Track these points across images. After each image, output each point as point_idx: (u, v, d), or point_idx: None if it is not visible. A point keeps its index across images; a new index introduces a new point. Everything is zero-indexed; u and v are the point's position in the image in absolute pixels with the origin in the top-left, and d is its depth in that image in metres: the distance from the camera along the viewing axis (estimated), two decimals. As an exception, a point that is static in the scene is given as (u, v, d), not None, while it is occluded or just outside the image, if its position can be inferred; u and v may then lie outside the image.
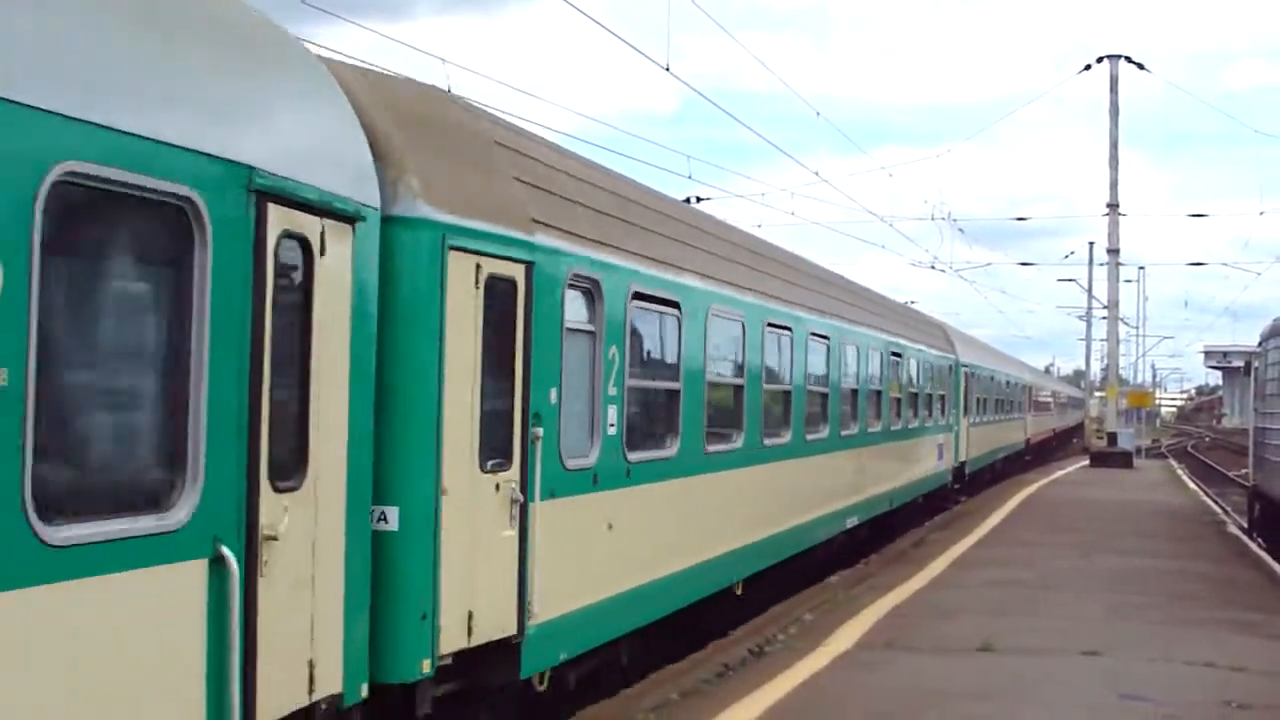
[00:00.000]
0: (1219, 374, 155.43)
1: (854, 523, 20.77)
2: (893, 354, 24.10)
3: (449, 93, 10.25)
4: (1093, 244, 70.00)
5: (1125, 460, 49.19)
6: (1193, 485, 43.44)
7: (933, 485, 29.38)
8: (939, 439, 30.04)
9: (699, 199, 28.85)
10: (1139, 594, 16.59)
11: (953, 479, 32.56)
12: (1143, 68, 48.50)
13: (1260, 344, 27.40)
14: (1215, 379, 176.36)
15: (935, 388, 29.44)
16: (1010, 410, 48.18)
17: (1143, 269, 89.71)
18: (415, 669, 8.10)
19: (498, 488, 8.96)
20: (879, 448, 22.87)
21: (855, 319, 21.35)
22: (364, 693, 7.52)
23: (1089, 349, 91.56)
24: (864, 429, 21.49)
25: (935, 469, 29.62)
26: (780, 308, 16.30)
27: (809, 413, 17.69)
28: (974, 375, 36.83)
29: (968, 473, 35.67)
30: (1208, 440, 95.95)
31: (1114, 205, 49.18)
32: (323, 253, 7.00)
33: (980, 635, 13.10)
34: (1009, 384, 47.65)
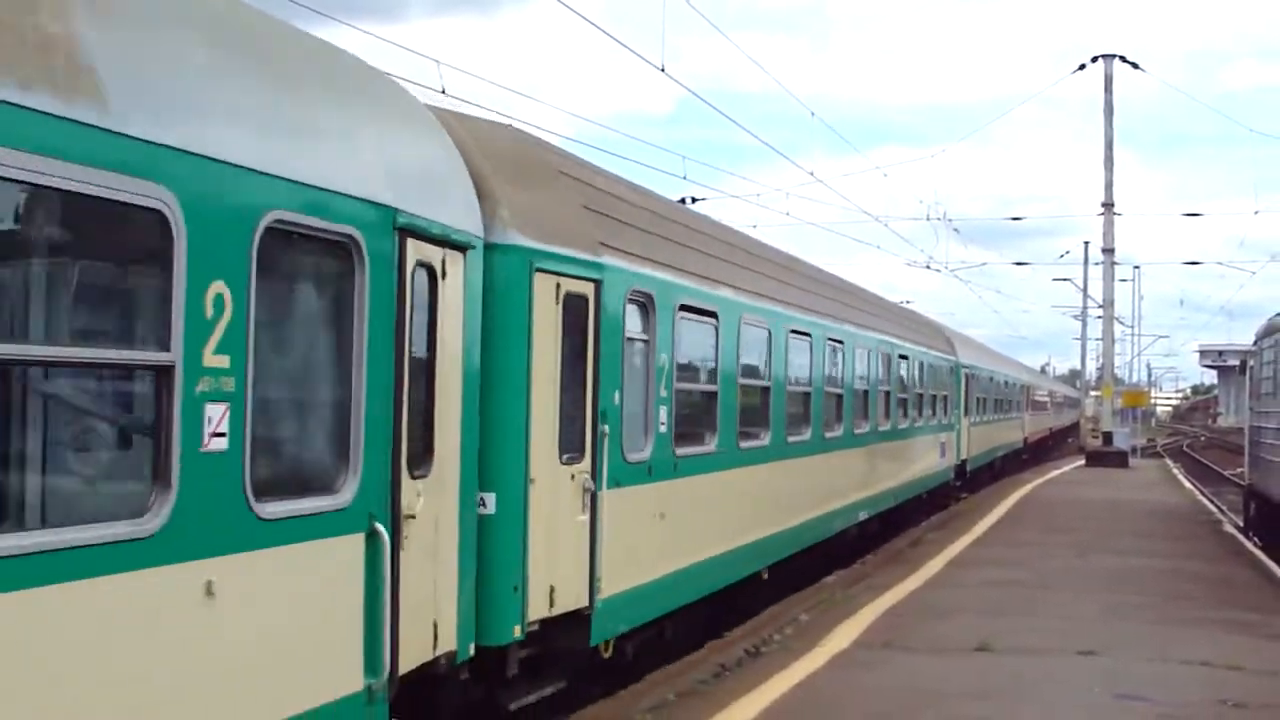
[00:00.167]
0: (1214, 373, 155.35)
1: (864, 516, 22.00)
2: (900, 357, 25.37)
3: (521, 130, 11.56)
4: (1088, 244, 70.76)
5: (1121, 460, 49.35)
6: (1188, 484, 43.25)
7: (936, 482, 30.67)
8: (942, 438, 31.29)
9: (694, 199, 28.81)
10: (1135, 594, 16.59)
11: (954, 476, 33.81)
12: (1137, 67, 48.95)
13: (1255, 343, 27.56)
14: (1211, 378, 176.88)
15: (938, 389, 30.63)
16: (1008, 410, 49.11)
17: (1138, 268, 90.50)
18: (509, 633, 9.42)
19: (573, 478, 10.28)
20: (888, 446, 24.17)
21: (866, 324, 22.66)
22: (471, 651, 8.83)
23: (1084, 348, 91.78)
24: (874, 428, 22.75)
25: (939, 466, 30.90)
26: (801, 315, 17.63)
27: (826, 412, 19.03)
28: (974, 376, 37.80)
29: (969, 470, 36.81)
30: (1203, 439, 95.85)
31: (1109, 205, 49.50)
32: (443, 277, 8.30)
33: (977, 635, 13.14)
34: (1007, 384, 48.55)
